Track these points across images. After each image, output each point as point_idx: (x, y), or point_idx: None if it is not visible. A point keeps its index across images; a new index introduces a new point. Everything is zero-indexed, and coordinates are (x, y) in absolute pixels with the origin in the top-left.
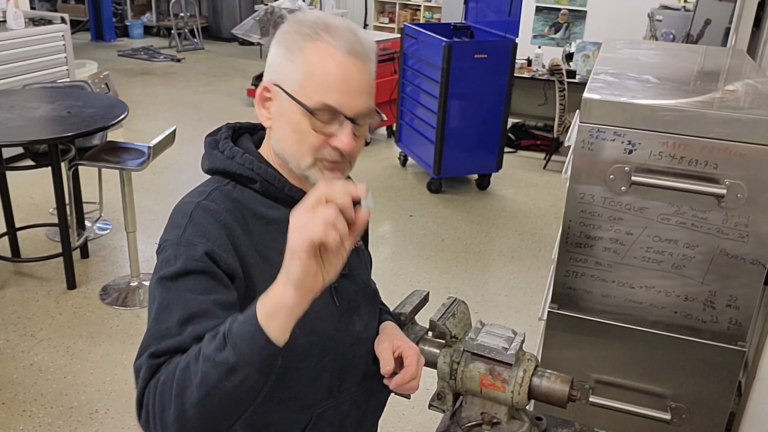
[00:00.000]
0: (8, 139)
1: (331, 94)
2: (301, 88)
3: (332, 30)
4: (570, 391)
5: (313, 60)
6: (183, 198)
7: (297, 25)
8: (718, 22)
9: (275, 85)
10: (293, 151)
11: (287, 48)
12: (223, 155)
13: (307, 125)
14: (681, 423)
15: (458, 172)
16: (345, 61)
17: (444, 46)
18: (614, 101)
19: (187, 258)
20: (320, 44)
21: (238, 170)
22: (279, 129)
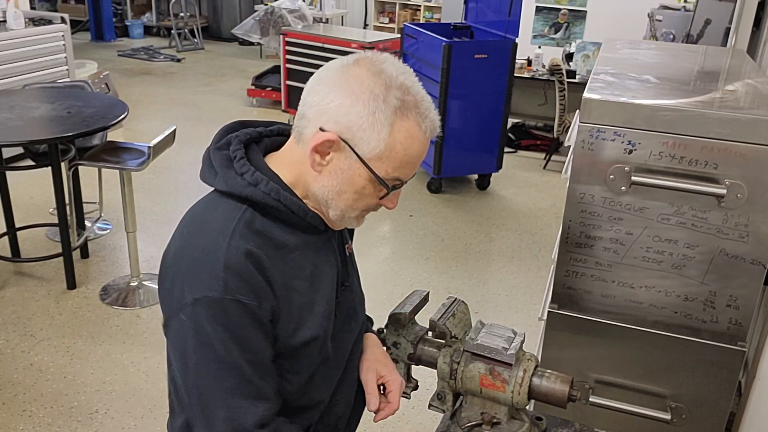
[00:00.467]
0: (8, 139)
1: (406, 170)
2: (379, 159)
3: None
4: (570, 391)
5: (399, 138)
6: (199, 230)
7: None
8: (718, 22)
9: (345, 143)
10: (345, 205)
11: (371, 112)
12: (242, 179)
13: (371, 191)
14: (681, 423)
15: (458, 172)
16: (426, 143)
17: (444, 46)
18: (614, 101)
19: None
20: (409, 123)
21: (264, 200)
22: (333, 181)
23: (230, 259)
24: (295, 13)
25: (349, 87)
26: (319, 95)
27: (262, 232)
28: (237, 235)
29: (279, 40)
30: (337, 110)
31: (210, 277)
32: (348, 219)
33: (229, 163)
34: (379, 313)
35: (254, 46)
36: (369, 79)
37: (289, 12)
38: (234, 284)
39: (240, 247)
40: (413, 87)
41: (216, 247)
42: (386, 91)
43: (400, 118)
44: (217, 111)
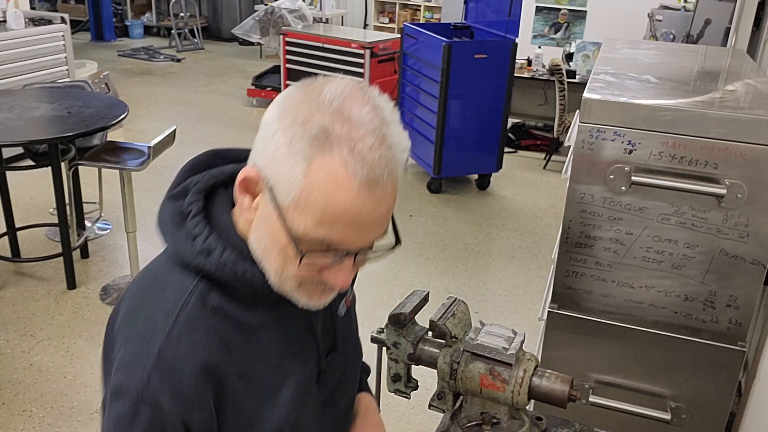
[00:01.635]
0: (8, 139)
1: (334, 229)
2: (295, 207)
3: (356, 142)
4: (570, 391)
5: (318, 180)
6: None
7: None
8: (718, 22)
9: (266, 184)
10: (274, 269)
11: (290, 140)
12: (192, 244)
13: (293, 254)
14: (681, 423)
15: (458, 172)
16: (360, 192)
17: (444, 46)
18: (614, 101)
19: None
20: (332, 161)
21: (216, 273)
22: (261, 235)
23: (166, 351)
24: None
25: (279, 110)
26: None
27: (218, 310)
28: (183, 319)
29: (279, 40)
30: (263, 139)
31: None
32: (290, 291)
33: (181, 219)
34: (379, 313)
35: (254, 46)
36: (297, 100)
37: (289, 12)
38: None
39: (183, 337)
40: (357, 116)
41: (154, 333)
42: (310, 116)
43: (319, 154)
44: (217, 111)
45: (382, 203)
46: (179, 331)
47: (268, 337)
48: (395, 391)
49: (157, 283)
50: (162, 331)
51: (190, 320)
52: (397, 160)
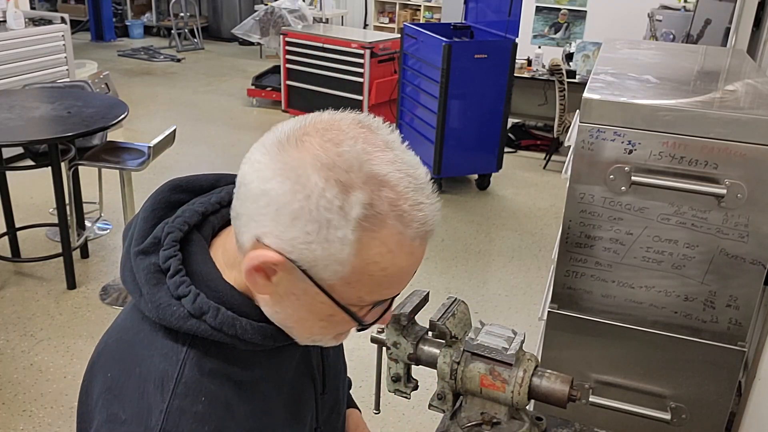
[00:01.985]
0: (8, 139)
1: (389, 290)
2: (346, 285)
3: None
4: (570, 391)
5: (372, 256)
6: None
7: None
8: (718, 22)
9: (298, 267)
10: (311, 333)
11: (325, 226)
12: (179, 305)
13: (344, 318)
14: (681, 423)
15: (458, 172)
16: (415, 251)
17: (444, 46)
18: (614, 101)
19: None
20: (385, 234)
21: (213, 336)
22: (289, 309)
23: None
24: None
25: (289, 187)
26: (251, 191)
27: (215, 372)
28: (180, 392)
29: (279, 40)
30: (276, 220)
31: None
32: (324, 341)
33: (159, 277)
34: None
35: (254, 46)
36: (316, 175)
37: (289, 12)
38: None
39: (185, 410)
40: (389, 173)
41: (149, 410)
42: (343, 196)
43: (368, 233)
44: (217, 111)
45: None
46: (179, 405)
47: (269, 389)
48: (395, 391)
49: (139, 350)
50: (159, 408)
51: (189, 391)
52: (435, 202)
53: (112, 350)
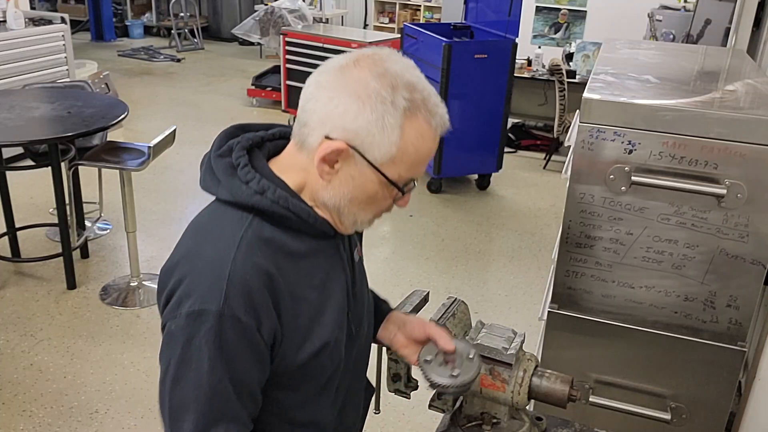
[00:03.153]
0: (8, 139)
1: (418, 169)
2: (392, 163)
3: (428, 103)
4: (570, 391)
5: (411, 139)
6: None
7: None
8: (718, 22)
9: (355, 150)
10: (358, 210)
11: (379, 116)
12: (248, 187)
13: (384, 194)
14: (681, 423)
15: (458, 172)
16: (436, 138)
17: (444, 46)
18: (614, 101)
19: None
20: (419, 123)
21: (271, 208)
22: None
23: (236, 273)
24: (295, 13)
25: (354, 91)
26: (320, 102)
27: (271, 240)
28: (244, 246)
29: (279, 40)
30: (343, 117)
31: (211, 290)
32: (361, 223)
33: (232, 170)
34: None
35: (254, 46)
36: (373, 82)
37: (289, 12)
38: (236, 300)
39: (247, 259)
40: (419, 83)
41: (221, 259)
42: (393, 93)
43: (409, 119)
44: (217, 111)
45: None
46: (243, 256)
47: (312, 265)
48: (395, 391)
49: (213, 224)
50: (228, 257)
51: (250, 247)
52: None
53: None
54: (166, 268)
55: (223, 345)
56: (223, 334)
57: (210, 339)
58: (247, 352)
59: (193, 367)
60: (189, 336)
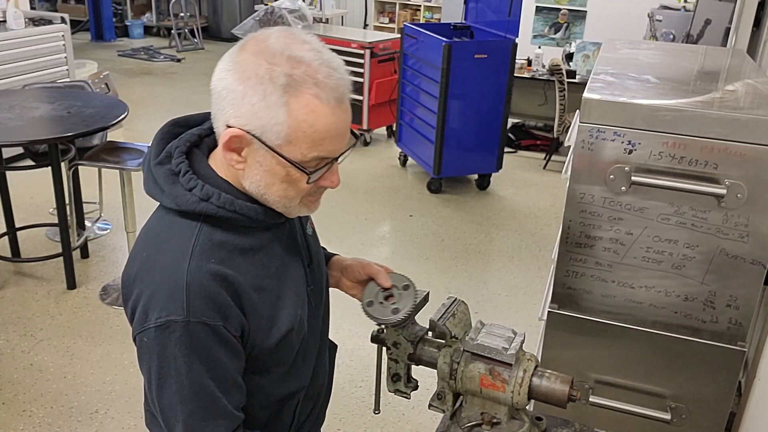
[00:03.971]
0: (8, 139)
1: (323, 146)
2: (289, 144)
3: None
4: (570, 391)
5: (300, 116)
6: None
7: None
8: (718, 22)
9: (251, 135)
10: (279, 197)
11: (261, 97)
12: (192, 194)
13: (297, 177)
14: (681, 423)
15: (458, 172)
16: (335, 111)
17: (444, 46)
18: (614, 101)
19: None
20: (306, 99)
21: (219, 213)
22: (257, 176)
23: (192, 281)
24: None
25: (238, 75)
26: (217, 90)
27: (223, 242)
28: (197, 253)
29: None
30: (234, 103)
31: (172, 301)
32: (293, 208)
33: (174, 178)
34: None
35: None
36: (253, 62)
37: (289, 12)
38: (197, 306)
39: (202, 267)
40: (306, 56)
41: (177, 269)
42: (271, 70)
43: (293, 96)
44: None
45: (347, 114)
46: (196, 264)
47: (267, 256)
48: (395, 391)
49: (164, 234)
50: (183, 267)
51: (203, 253)
52: (346, 78)
53: (143, 239)
54: (125, 280)
55: (195, 349)
56: (193, 339)
57: (182, 346)
58: (221, 350)
59: (172, 373)
60: (161, 347)
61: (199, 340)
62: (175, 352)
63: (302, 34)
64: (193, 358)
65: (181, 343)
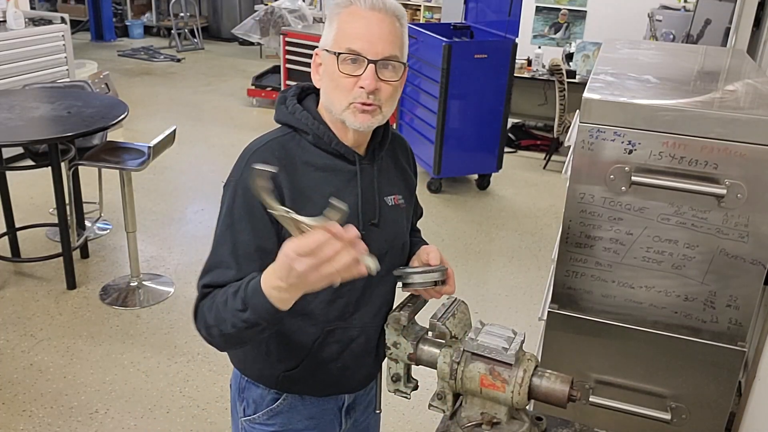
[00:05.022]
0: (8, 139)
1: (356, 42)
2: (334, 42)
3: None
4: (570, 391)
5: (343, 19)
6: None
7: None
8: (718, 22)
9: (322, 49)
10: (332, 97)
11: (329, 19)
12: (287, 110)
13: (341, 73)
14: (681, 423)
15: (458, 172)
16: (368, 14)
17: (444, 46)
18: (614, 101)
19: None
20: (350, 8)
21: (296, 124)
22: (323, 83)
23: (253, 160)
24: (295, 13)
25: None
26: None
27: (293, 149)
28: (265, 147)
29: (279, 40)
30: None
31: (237, 168)
32: (343, 113)
33: (283, 100)
34: None
35: (254, 46)
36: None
37: (289, 12)
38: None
39: (261, 155)
40: None
41: (250, 150)
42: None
43: (344, 8)
44: (217, 111)
45: (384, 23)
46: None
47: (325, 179)
48: (395, 391)
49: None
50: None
51: (269, 148)
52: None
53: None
54: None
55: (233, 206)
56: (235, 198)
57: (228, 200)
58: (248, 217)
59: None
60: (223, 197)
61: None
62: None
63: None
64: (228, 213)
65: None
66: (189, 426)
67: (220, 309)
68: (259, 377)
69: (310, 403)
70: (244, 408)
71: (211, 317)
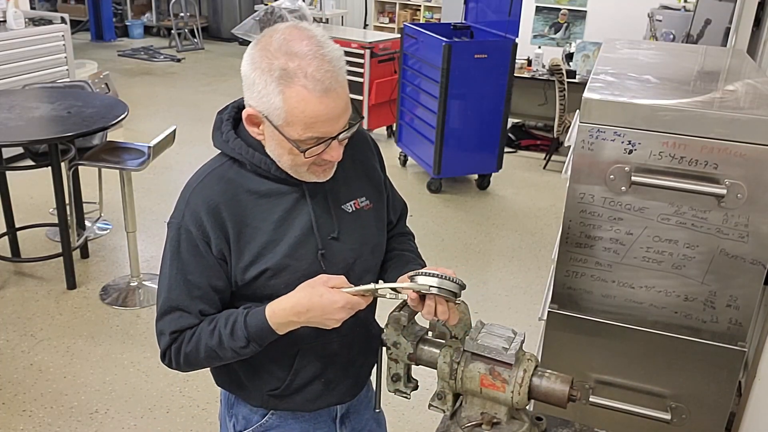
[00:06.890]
0: (8, 139)
1: (316, 128)
2: (287, 124)
3: (302, 67)
4: (570, 391)
5: (293, 104)
6: (191, 177)
7: (266, 59)
8: (718, 22)
9: (263, 115)
10: (290, 165)
11: (264, 85)
12: (222, 137)
13: (297, 152)
14: (681, 423)
15: (458, 172)
16: (322, 100)
17: (444, 46)
18: (614, 101)
19: (187, 242)
20: (295, 89)
21: (231, 153)
22: (272, 146)
23: (193, 198)
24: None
25: (250, 65)
26: (242, 74)
27: (232, 180)
28: (204, 182)
29: None
30: (248, 87)
31: (178, 209)
32: (303, 174)
33: (219, 124)
34: (380, 313)
35: None
36: (259, 55)
37: (289, 12)
38: (190, 218)
39: (203, 191)
40: (300, 50)
41: (190, 187)
42: (270, 64)
43: (286, 86)
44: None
45: (339, 100)
46: (202, 186)
47: (271, 204)
48: (395, 391)
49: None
50: (193, 186)
51: (212, 180)
52: (337, 69)
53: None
54: None
55: (179, 249)
56: (180, 241)
57: (173, 242)
58: (196, 259)
59: (165, 263)
60: (166, 239)
61: (182, 243)
62: (167, 245)
63: (309, 29)
64: (175, 256)
65: (172, 240)
66: (189, 426)
67: (216, 350)
68: (246, 398)
69: (301, 417)
70: (233, 424)
71: (200, 357)
